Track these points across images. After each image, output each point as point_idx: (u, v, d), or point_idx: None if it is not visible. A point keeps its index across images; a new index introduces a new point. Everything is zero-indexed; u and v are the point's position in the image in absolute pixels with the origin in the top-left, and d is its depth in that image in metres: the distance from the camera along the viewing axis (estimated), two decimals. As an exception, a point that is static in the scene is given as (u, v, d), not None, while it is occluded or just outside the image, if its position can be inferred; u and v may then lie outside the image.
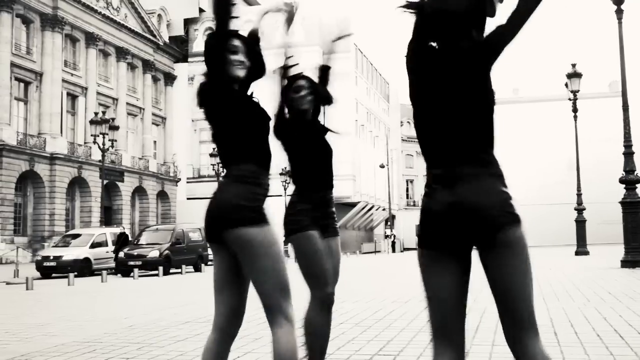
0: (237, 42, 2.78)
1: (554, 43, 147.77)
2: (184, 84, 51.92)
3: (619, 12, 14.83)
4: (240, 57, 2.76)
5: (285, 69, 3.68)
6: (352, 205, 52.96)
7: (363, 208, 55.66)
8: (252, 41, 2.90)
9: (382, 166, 52.36)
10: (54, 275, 21.51)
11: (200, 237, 24.47)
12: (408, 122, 70.33)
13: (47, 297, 12.32)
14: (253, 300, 2.76)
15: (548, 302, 7.79)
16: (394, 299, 8.66)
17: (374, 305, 8.08)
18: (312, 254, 3.41)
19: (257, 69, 2.84)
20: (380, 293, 9.81)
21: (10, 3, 35.72)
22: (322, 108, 3.72)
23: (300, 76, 3.69)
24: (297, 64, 3.77)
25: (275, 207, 3.48)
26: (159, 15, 51.18)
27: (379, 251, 53.62)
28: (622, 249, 14.69)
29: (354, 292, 10.31)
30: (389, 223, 55.82)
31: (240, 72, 2.75)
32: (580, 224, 24.31)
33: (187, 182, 51.13)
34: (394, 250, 51.57)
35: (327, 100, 3.71)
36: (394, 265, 22.82)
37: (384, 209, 60.18)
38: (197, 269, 23.31)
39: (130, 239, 25.58)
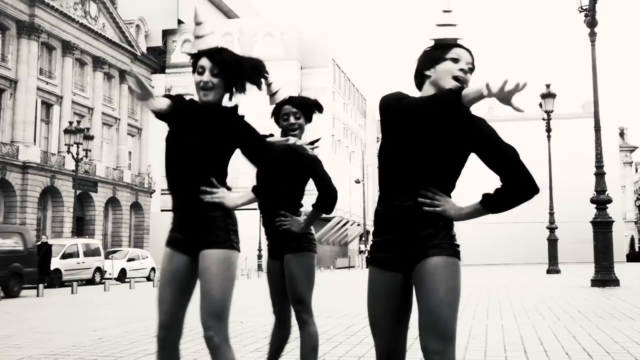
0: (204, 62, 2.83)
1: (529, 63, 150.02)
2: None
3: (592, 35, 15.11)
4: (205, 77, 2.79)
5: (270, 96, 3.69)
6: (327, 220, 52.98)
7: (338, 223, 55.69)
8: (230, 57, 2.89)
9: (357, 181, 52.52)
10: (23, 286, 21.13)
11: (21, 246, 17.58)
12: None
13: (15, 308, 12.11)
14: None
15: (519, 319, 7.85)
16: (367, 315, 8.66)
17: (346, 320, 8.07)
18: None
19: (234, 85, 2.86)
20: (353, 308, 9.80)
21: (-15, 9, 35.34)
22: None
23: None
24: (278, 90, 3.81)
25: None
26: (137, 26, 50.96)
27: (352, 266, 53.62)
28: (592, 268, 14.86)
29: (327, 307, 10.30)
30: (363, 238, 55.91)
31: (202, 94, 2.79)
32: (552, 242, 24.55)
33: (162, 194, 50.67)
34: (367, 266, 51.57)
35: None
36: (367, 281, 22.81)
37: (358, 224, 60.26)
38: (9, 294, 16.28)
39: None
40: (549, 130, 25.15)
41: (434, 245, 2.30)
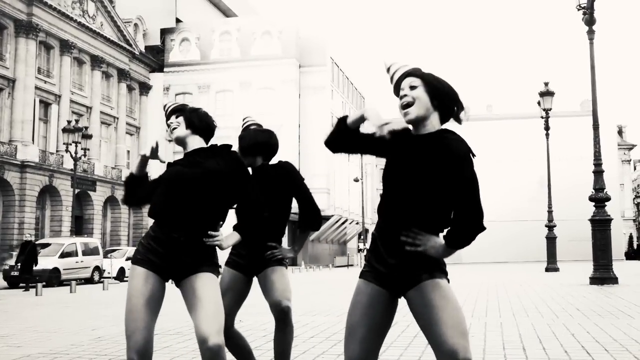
0: (172, 119, 3.11)
1: (527, 61, 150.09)
2: (159, 94, 51.66)
3: (591, 33, 15.10)
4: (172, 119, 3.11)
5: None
6: (326, 218, 53.00)
7: (337, 221, 55.69)
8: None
9: (356, 180, 52.45)
10: (21, 285, 21.14)
11: None
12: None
13: (13, 307, 12.10)
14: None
15: (517, 317, 7.86)
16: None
17: (344, 319, 8.06)
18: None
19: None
20: (352, 307, 9.78)
21: (-17, 8, 35.27)
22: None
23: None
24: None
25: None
26: (136, 25, 50.89)
27: (351, 265, 53.62)
28: (591, 266, 14.86)
29: (326, 305, 10.30)
30: (362, 237, 55.89)
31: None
32: (551, 240, 24.57)
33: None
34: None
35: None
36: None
37: (357, 223, 60.26)
38: None
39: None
40: (547, 128, 25.16)
41: (427, 271, 2.39)
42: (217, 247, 3.00)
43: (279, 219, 3.73)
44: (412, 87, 2.44)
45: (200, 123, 3.07)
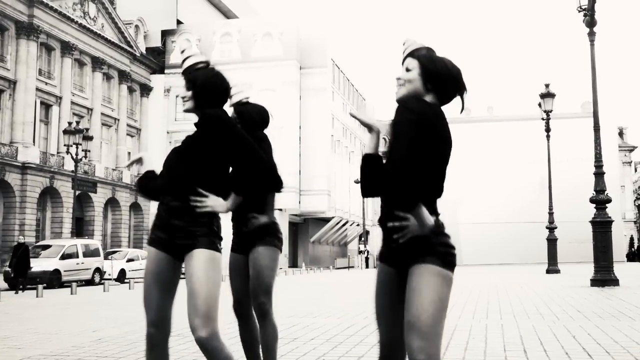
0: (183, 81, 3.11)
1: (528, 63, 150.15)
2: (160, 96, 51.69)
3: (592, 35, 15.11)
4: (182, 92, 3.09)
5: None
6: (327, 220, 52.95)
7: (337, 223, 55.66)
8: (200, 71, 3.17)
9: (357, 182, 52.49)
10: (20, 287, 21.12)
11: None
12: (384, 138, 70.64)
13: (14, 309, 12.10)
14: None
15: (518, 319, 7.85)
16: (366, 315, 8.65)
17: (345, 321, 8.06)
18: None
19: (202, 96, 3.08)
20: (353, 309, 9.79)
21: (-16, 10, 35.29)
22: None
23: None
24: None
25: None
26: (136, 26, 50.94)
27: (352, 266, 53.56)
28: (592, 267, 14.85)
29: (326, 307, 10.30)
30: (362, 238, 55.89)
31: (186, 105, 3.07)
32: (552, 242, 24.55)
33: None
34: (367, 266, 51.65)
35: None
36: (367, 281, 22.82)
37: (358, 225, 60.21)
38: None
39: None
40: (548, 130, 25.15)
41: (421, 254, 2.36)
42: (218, 215, 2.96)
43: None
44: (408, 70, 2.46)
45: (211, 92, 3.09)
